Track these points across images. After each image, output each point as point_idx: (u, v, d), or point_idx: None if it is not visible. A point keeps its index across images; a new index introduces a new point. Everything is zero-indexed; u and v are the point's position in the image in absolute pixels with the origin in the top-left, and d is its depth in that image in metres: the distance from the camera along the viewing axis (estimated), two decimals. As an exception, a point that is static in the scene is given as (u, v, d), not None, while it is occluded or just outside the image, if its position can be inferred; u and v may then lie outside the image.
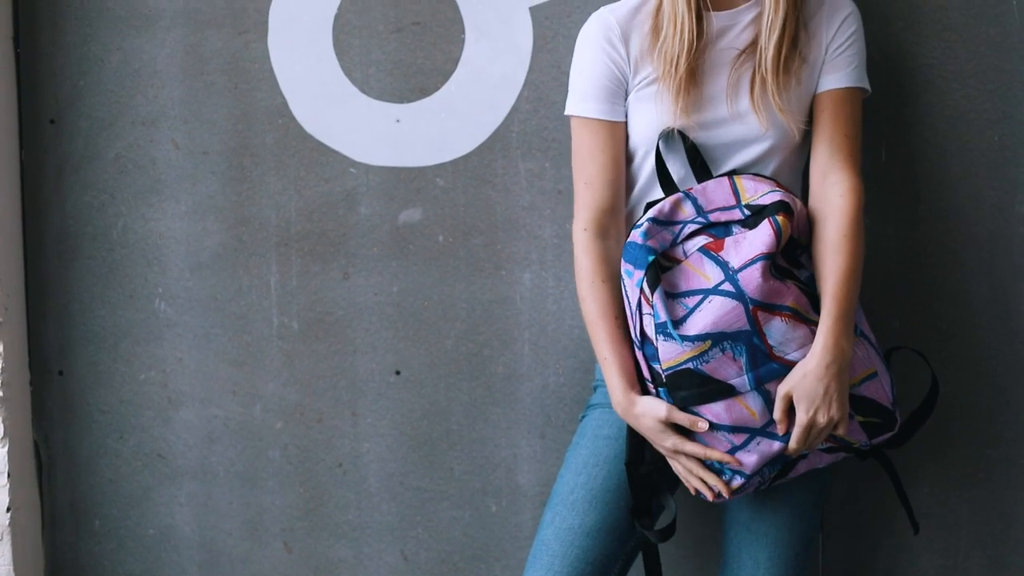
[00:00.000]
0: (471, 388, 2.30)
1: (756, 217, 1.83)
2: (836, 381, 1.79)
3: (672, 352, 1.79)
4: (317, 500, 2.35)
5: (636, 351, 1.87)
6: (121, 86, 2.32)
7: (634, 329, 1.85)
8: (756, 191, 1.87)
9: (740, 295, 1.77)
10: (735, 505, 2.00)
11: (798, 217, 1.86)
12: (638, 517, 1.91)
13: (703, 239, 1.85)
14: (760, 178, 1.90)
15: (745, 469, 1.84)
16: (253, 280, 2.32)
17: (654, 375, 1.85)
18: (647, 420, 1.87)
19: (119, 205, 2.34)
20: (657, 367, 1.82)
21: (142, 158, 2.33)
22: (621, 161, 1.98)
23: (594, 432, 2.00)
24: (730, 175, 1.91)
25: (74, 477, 2.41)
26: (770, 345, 1.79)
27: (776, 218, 1.80)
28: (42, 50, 2.33)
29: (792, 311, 1.80)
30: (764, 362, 1.79)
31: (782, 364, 1.80)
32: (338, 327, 2.31)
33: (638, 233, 1.85)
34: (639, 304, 1.83)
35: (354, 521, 2.35)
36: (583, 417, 2.06)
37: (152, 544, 2.40)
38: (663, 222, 1.86)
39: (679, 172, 1.94)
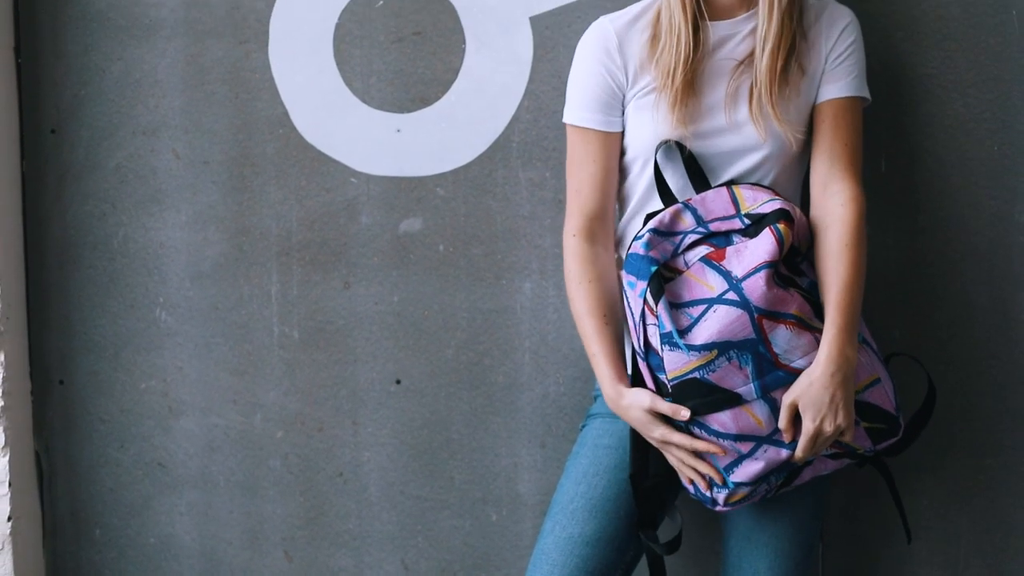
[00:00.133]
0: (471, 397, 2.30)
1: (756, 226, 1.83)
2: (842, 389, 1.79)
3: (678, 362, 1.79)
4: (318, 509, 2.35)
5: (640, 363, 1.87)
6: (122, 96, 2.32)
7: (638, 341, 1.85)
8: (755, 200, 1.87)
9: (745, 304, 1.78)
10: (735, 515, 2.00)
11: (798, 225, 1.86)
12: (644, 530, 1.91)
13: (704, 249, 1.85)
14: (758, 187, 1.91)
15: (744, 479, 1.84)
16: (254, 289, 2.33)
17: (659, 386, 1.85)
18: (634, 411, 1.88)
19: (120, 215, 2.34)
20: (663, 377, 1.82)
21: (143, 168, 2.33)
22: (613, 170, 1.99)
23: (594, 442, 2.00)
24: (729, 185, 1.91)
25: (75, 486, 2.41)
26: (775, 353, 1.79)
27: (778, 226, 1.81)
28: (43, 60, 2.33)
29: (796, 319, 1.80)
30: (770, 370, 1.79)
31: (788, 372, 1.80)
32: (339, 336, 2.31)
33: (639, 244, 1.85)
34: (643, 315, 1.83)
35: (355, 530, 2.35)
36: (583, 427, 2.06)
37: (153, 553, 2.40)
38: (664, 233, 1.86)
39: (678, 183, 1.94)
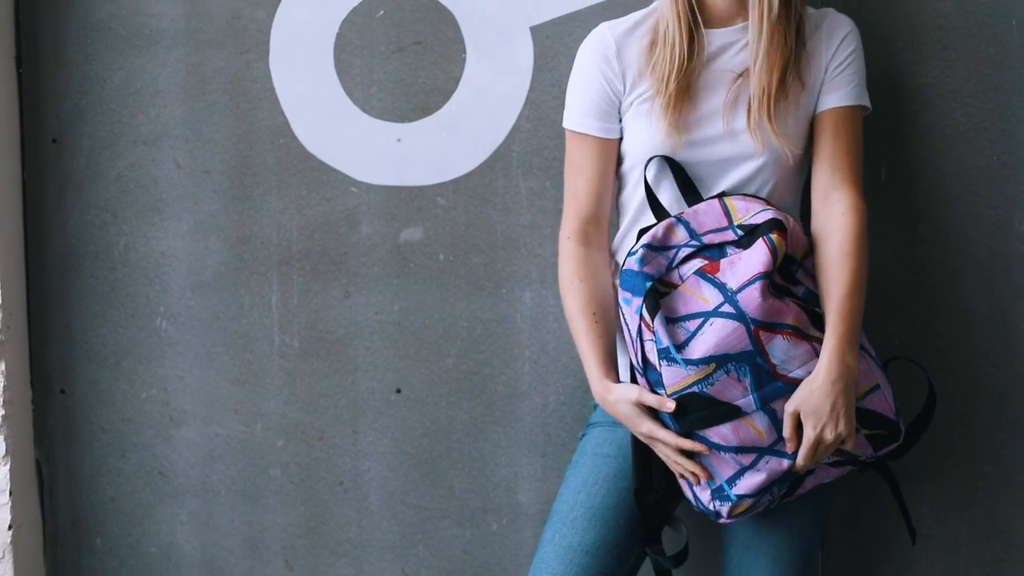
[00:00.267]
0: (472, 406, 2.30)
1: (749, 237, 1.83)
2: (843, 397, 1.79)
3: (676, 377, 1.79)
4: (318, 518, 2.35)
5: (639, 378, 1.87)
6: (123, 105, 2.32)
7: (636, 356, 1.85)
8: (747, 211, 1.87)
9: (741, 316, 1.77)
10: (735, 523, 2.00)
11: (791, 233, 1.85)
12: (649, 544, 1.91)
13: (698, 262, 1.84)
14: (750, 198, 1.90)
15: (747, 491, 1.84)
16: (254, 299, 2.33)
17: None
18: (622, 406, 1.88)
19: (121, 224, 2.35)
20: (662, 392, 1.82)
21: (144, 177, 2.33)
22: (610, 175, 2.00)
23: (594, 450, 2.00)
24: (720, 196, 1.91)
25: (76, 495, 2.41)
26: (773, 364, 1.79)
27: (770, 236, 1.80)
28: (44, 69, 2.33)
29: (793, 328, 1.80)
30: (768, 381, 1.79)
31: (786, 382, 1.80)
32: (339, 346, 2.32)
33: (634, 260, 1.85)
34: (639, 331, 1.83)
35: (355, 539, 2.35)
36: (583, 435, 2.06)
37: (153, 562, 2.41)
38: (657, 247, 1.86)
39: (671, 196, 1.94)
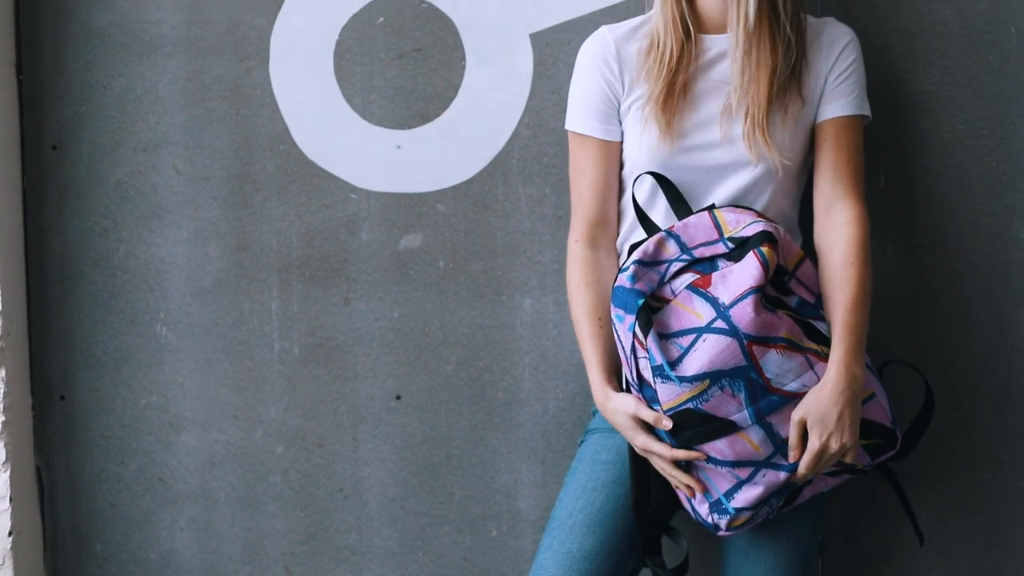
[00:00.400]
0: (471, 413, 2.30)
1: (740, 250, 1.82)
2: (850, 407, 1.79)
3: (671, 393, 1.79)
4: (318, 525, 2.36)
5: (635, 393, 1.87)
6: (123, 112, 2.32)
7: (631, 372, 1.85)
8: (738, 223, 1.86)
9: (734, 331, 1.76)
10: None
11: (783, 245, 1.84)
12: (650, 556, 1.92)
13: (690, 276, 1.83)
14: (741, 209, 1.89)
15: (745, 504, 1.84)
16: (254, 305, 2.33)
17: None
18: (620, 416, 1.89)
19: (121, 231, 2.35)
20: (658, 408, 1.82)
21: (144, 184, 2.33)
22: (613, 176, 2.00)
23: (592, 457, 2.00)
24: (710, 209, 1.90)
25: (75, 501, 2.41)
26: (767, 378, 1.78)
27: (761, 249, 1.79)
28: (44, 76, 2.33)
29: (786, 341, 1.79)
30: (763, 395, 1.79)
31: (781, 396, 1.79)
32: (339, 352, 2.32)
33: (625, 277, 1.84)
34: (633, 348, 1.82)
35: (355, 546, 2.35)
36: (582, 442, 2.06)
37: (153, 568, 2.41)
38: (648, 263, 1.85)
39: (665, 208, 1.94)
